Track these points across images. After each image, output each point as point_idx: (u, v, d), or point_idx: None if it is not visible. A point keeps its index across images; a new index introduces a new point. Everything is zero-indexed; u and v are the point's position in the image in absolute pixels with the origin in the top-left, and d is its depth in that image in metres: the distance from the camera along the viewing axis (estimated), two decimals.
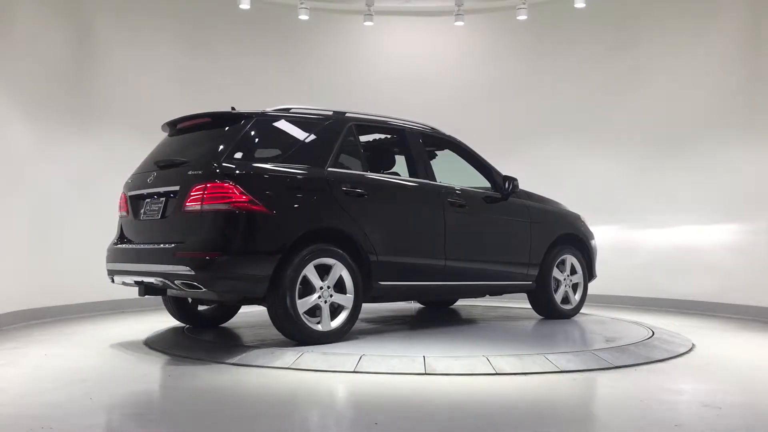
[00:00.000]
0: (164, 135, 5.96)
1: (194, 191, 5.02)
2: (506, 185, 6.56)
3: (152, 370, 4.94)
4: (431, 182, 6.17)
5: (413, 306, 8.13)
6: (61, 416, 3.68)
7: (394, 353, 4.99)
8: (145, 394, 4.41)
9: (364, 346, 5.30)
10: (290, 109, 5.67)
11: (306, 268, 5.17)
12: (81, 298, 7.76)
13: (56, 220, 7.58)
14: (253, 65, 9.45)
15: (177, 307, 6.24)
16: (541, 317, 7.07)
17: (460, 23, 9.60)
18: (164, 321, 6.89)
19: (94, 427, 3.54)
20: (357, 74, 9.88)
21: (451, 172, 6.76)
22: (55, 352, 5.58)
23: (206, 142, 5.37)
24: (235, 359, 4.97)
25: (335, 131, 5.66)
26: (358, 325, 6.60)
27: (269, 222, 5.07)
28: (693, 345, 5.87)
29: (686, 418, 3.73)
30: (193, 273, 4.91)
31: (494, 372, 4.64)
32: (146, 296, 5.66)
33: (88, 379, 4.57)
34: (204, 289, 4.99)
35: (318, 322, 5.27)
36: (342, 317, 5.39)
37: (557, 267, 6.94)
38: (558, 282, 6.97)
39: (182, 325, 6.41)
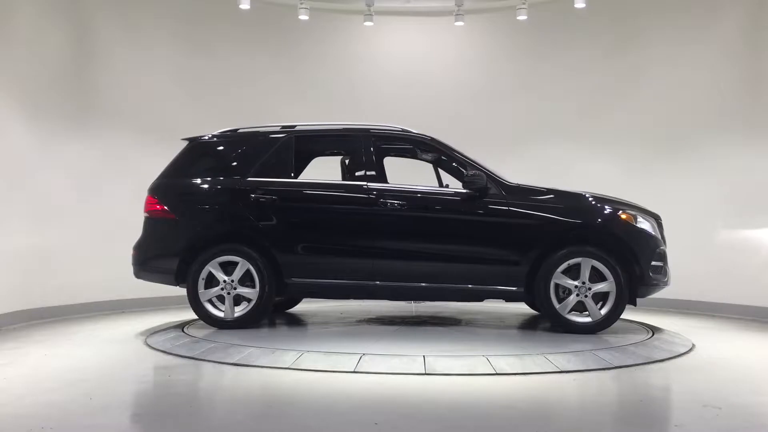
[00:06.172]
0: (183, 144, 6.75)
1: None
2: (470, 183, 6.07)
3: (152, 370, 4.94)
4: (360, 184, 6.19)
5: (413, 306, 8.12)
6: (61, 416, 3.68)
7: (394, 353, 5.00)
8: (145, 394, 4.41)
9: (364, 346, 5.31)
10: (237, 130, 6.61)
11: (210, 264, 6.10)
12: (81, 298, 7.75)
13: (56, 220, 7.56)
14: (253, 65, 9.43)
15: None
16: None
17: (460, 23, 9.59)
18: (164, 321, 6.90)
19: (94, 427, 3.55)
20: (357, 74, 9.87)
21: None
22: (55, 352, 5.58)
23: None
24: (236, 359, 4.98)
25: (265, 146, 6.44)
26: (358, 324, 6.61)
27: (176, 226, 6.30)
28: (693, 345, 5.87)
29: (686, 418, 3.73)
30: (132, 265, 6.44)
31: (494, 372, 4.65)
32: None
33: (88, 379, 4.58)
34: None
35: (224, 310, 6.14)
36: (246, 308, 6.13)
37: (565, 272, 5.96)
38: (568, 290, 6.00)
39: (181, 324, 6.43)
